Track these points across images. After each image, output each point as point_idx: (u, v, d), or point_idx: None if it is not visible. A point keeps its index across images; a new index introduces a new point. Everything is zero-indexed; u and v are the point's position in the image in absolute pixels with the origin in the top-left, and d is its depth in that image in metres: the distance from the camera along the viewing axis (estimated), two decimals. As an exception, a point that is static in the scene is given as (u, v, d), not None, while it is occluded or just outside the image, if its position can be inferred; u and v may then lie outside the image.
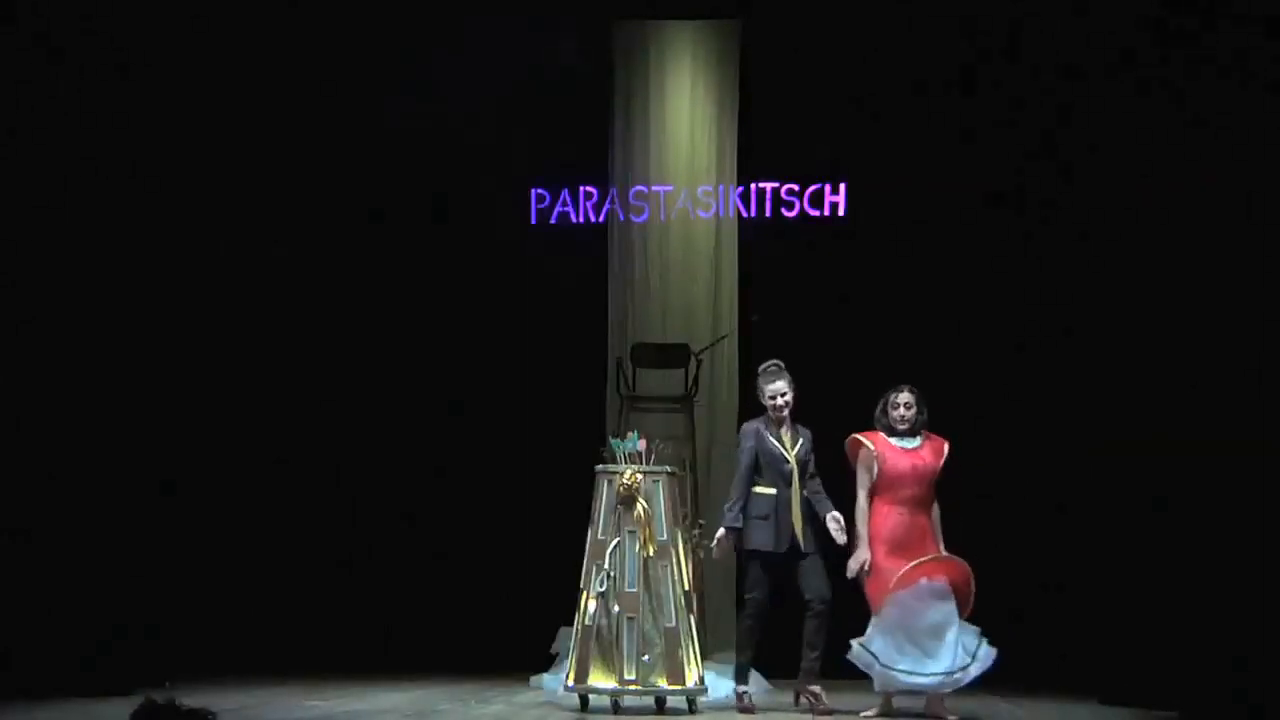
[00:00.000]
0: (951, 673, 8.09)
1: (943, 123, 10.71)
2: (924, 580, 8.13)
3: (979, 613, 8.24)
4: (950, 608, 8.13)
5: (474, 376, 11.08)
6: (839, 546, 8.32)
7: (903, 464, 8.31)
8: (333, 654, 10.54)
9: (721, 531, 8.50)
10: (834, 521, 8.35)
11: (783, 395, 8.48)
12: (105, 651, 8.82)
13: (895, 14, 10.64)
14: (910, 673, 8.12)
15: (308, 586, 10.81)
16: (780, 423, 8.50)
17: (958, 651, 8.09)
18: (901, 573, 8.12)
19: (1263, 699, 7.98)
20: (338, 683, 9.59)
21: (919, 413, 8.41)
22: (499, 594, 10.83)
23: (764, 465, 8.46)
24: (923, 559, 8.16)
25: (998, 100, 10.60)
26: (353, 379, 11.12)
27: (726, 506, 8.55)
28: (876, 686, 8.29)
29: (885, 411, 8.44)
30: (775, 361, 8.60)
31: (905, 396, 8.42)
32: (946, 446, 8.39)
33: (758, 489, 8.46)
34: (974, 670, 8.10)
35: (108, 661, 8.78)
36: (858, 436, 8.44)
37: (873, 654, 8.17)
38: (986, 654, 8.13)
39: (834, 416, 8.69)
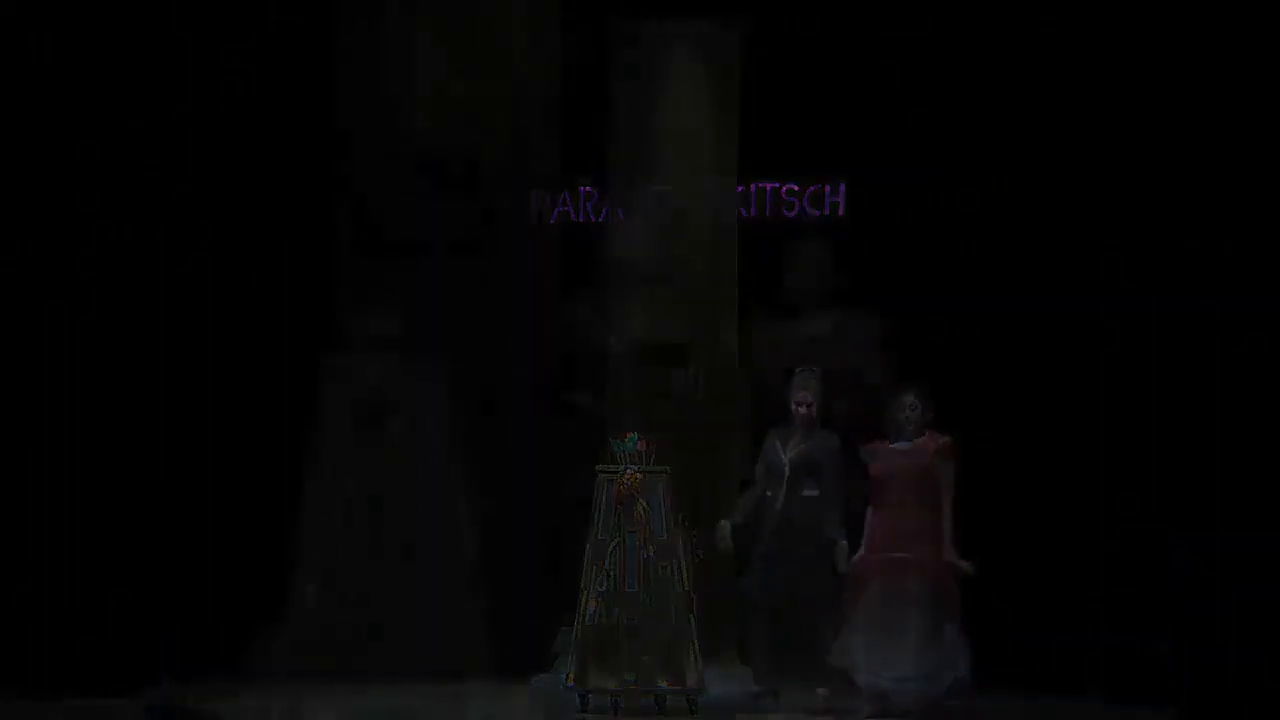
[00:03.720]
0: (905, 680, 8.06)
1: (944, 122, 10.70)
2: (895, 577, 8.12)
3: (979, 613, 8.24)
4: (918, 611, 8.11)
5: (474, 377, 11.05)
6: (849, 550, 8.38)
7: (882, 466, 8.33)
8: (333, 654, 10.52)
9: (721, 523, 8.55)
10: (840, 551, 8.37)
11: (806, 404, 8.53)
12: (105, 651, 8.81)
13: (896, 14, 10.63)
14: (874, 674, 8.12)
15: (307, 586, 10.81)
16: (804, 426, 8.53)
17: (925, 658, 8.06)
18: (867, 560, 8.14)
19: (1262, 699, 7.99)
20: (338, 683, 9.57)
21: (922, 413, 8.41)
22: (498, 594, 10.81)
23: (765, 466, 8.53)
24: (891, 554, 8.16)
25: (998, 99, 10.59)
26: (353, 379, 11.10)
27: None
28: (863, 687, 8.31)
29: (892, 413, 8.46)
30: (810, 367, 8.64)
31: (908, 398, 8.44)
32: (943, 441, 8.38)
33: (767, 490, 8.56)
34: (936, 683, 8.09)
35: (108, 662, 8.77)
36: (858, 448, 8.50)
37: (848, 653, 8.19)
38: (952, 671, 8.09)
39: (833, 418, 8.69)
